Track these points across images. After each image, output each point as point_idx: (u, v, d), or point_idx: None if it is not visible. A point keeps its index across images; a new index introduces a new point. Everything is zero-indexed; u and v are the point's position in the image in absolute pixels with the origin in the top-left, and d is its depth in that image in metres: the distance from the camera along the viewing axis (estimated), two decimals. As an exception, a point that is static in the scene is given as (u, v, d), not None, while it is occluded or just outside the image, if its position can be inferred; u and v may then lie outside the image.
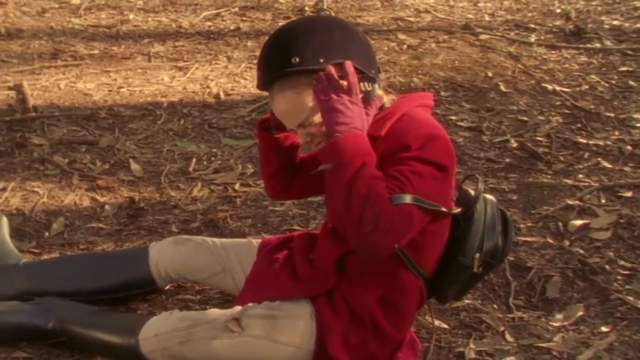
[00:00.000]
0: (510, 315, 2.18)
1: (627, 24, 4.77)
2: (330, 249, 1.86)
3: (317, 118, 1.72)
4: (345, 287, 1.84)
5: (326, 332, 1.81)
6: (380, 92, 1.80)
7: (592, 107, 3.60)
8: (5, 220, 2.28)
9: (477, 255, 1.85)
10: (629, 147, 3.22)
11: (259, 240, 2.13)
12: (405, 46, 4.27)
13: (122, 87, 3.68)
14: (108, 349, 1.91)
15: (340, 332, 1.80)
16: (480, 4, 5.15)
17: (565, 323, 2.16)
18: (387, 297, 1.83)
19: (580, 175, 2.98)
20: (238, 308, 1.86)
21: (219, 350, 1.81)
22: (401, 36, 4.43)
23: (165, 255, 2.09)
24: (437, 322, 2.12)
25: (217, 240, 2.14)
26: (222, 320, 1.82)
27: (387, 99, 1.83)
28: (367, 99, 1.74)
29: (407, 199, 1.63)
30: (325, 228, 1.93)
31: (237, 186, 2.84)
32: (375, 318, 1.82)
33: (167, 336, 1.82)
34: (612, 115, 3.53)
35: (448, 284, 1.91)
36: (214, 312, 1.87)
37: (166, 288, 2.19)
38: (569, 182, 2.92)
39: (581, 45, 4.40)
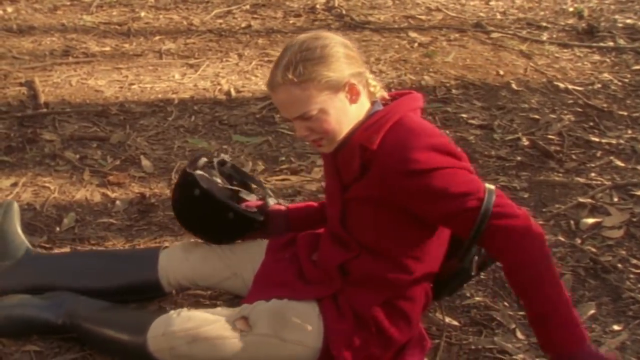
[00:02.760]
0: (521, 313, 2.16)
1: (640, 23, 4.75)
2: (332, 255, 1.87)
3: (320, 115, 1.72)
4: (350, 290, 1.84)
5: (330, 333, 1.81)
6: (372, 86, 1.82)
7: (604, 105, 3.57)
8: (16, 206, 2.25)
9: (476, 257, 1.87)
10: (642, 146, 3.20)
11: (267, 241, 2.12)
12: (416, 44, 4.26)
13: (133, 84, 3.69)
14: (117, 346, 1.91)
15: (344, 333, 1.81)
16: (492, 3, 5.12)
17: (577, 321, 2.14)
18: (392, 301, 1.84)
19: (593, 174, 2.96)
20: (245, 306, 1.86)
21: (226, 349, 1.81)
22: (412, 34, 4.42)
23: (174, 265, 2.08)
24: (447, 319, 2.12)
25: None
26: (230, 320, 1.82)
27: (378, 93, 1.82)
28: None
29: (489, 198, 1.67)
30: (327, 233, 1.93)
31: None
32: (379, 321, 1.82)
33: (175, 335, 1.81)
34: (625, 113, 3.51)
35: (442, 286, 1.95)
36: (222, 311, 1.87)
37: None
38: (581, 180, 2.90)
39: (594, 44, 4.38)
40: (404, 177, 1.67)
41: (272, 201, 2.14)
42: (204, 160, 2.12)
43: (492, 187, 1.72)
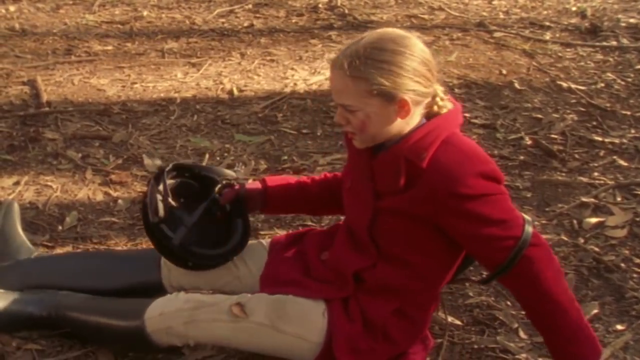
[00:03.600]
0: (524, 312, 2.15)
1: (643, 22, 4.73)
2: (348, 260, 1.85)
3: (362, 115, 1.68)
4: (362, 297, 1.83)
5: (335, 334, 1.80)
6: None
7: (607, 105, 3.57)
8: (16, 206, 2.25)
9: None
10: (645, 146, 3.19)
11: (269, 240, 2.12)
12: (419, 43, 4.25)
13: (135, 83, 3.68)
14: (111, 332, 1.91)
15: (350, 336, 1.80)
16: (495, 2, 5.12)
17: (580, 321, 2.14)
18: (403, 310, 1.83)
19: (596, 173, 2.95)
20: (245, 294, 1.87)
21: (221, 333, 1.82)
22: (415, 33, 4.39)
23: (176, 269, 2.06)
24: (450, 319, 2.11)
25: None
26: (226, 304, 1.83)
27: (443, 110, 1.75)
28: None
29: (528, 227, 1.70)
30: (344, 234, 1.90)
31: (249, 182, 2.83)
32: (388, 329, 1.82)
33: (172, 316, 1.83)
34: (628, 113, 3.50)
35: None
36: (220, 296, 1.88)
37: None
38: (584, 180, 2.90)
39: (597, 43, 4.37)
40: (454, 200, 1.66)
41: (241, 179, 2.10)
42: (160, 204, 1.93)
43: (529, 217, 1.75)
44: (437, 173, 1.66)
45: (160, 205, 1.92)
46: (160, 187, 1.96)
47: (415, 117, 1.72)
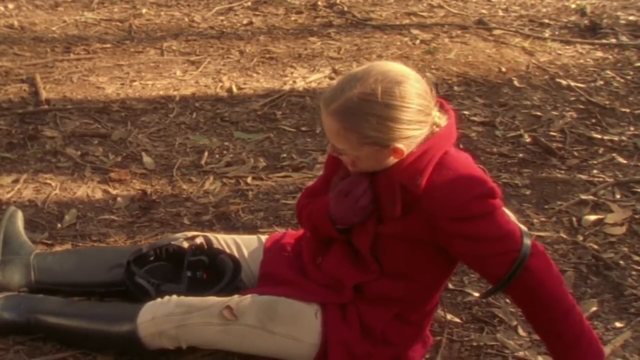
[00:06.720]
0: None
1: (642, 20, 4.73)
2: (349, 273, 1.84)
3: (355, 158, 1.69)
4: (361, 303, 1.83)
5: (331, 338, 1.81)
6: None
7: (607, 102, 3.56)
8: (20, 214, 2.29)
9: None
10: (644, 143, 3.19)
11: (266, 237, 2.12)
12: (418, 41, 4.25)
13: (134, 81, 3.68)
14: (101, 337, 1.91)
15: (347, 341, 1.80)
16: (494, -1, 5.11)
17: (579, 318, 2.14)
18: (403, 315, 1.83)
19: (595, 171, 2.95)
20: (236, 296, 1.87)
21: (211, 336, 1.83)
22: (414, 31, 4.41)
23: None
24: (449, 316, 2.11)
25: (227, 238, 2.13)
26: (217, 308, 1.83)
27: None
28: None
29: (527, 239, 1.70)
30: (343, 248, 1.89)
31: (249, 179, 2.83)
32: (387, 334, 1.82)
33: (164, 320, 1.84)
34: (627, 110, 3.50)
35: None
36: (210, 299, 1.88)
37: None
38: (583, 177, 2.90)
39: (596, 41, 4.36)
40: (453, 223, 1.66)
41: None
42: (149, 288, 1.99)
43: (525, 229, 1.75)
44: (434, 199, 1.66)
45: (150, 289, 1.96)
46: (137, 279, 1.99)
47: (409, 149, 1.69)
